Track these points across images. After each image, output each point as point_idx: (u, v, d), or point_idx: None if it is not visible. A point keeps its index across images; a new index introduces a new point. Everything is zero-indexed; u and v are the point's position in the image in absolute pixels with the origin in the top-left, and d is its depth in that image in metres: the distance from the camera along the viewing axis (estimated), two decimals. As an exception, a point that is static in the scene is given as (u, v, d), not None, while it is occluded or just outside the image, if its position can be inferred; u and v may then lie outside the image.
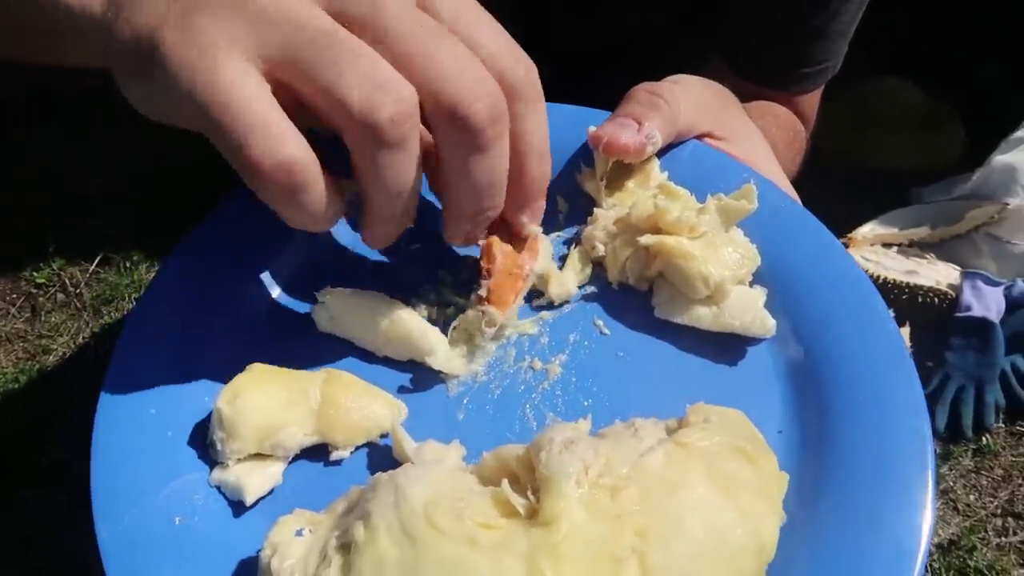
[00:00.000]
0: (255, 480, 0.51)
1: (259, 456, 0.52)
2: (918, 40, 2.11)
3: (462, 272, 0.62)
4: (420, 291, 0.61)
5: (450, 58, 0.45)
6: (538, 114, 0.52)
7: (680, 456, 0.43)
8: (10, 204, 1.88)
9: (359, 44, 0.44)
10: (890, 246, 1.88)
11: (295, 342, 0.58)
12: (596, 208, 0.63)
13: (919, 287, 1.76)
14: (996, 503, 1.64)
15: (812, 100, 1.01)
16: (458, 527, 0.40)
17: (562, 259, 0.63)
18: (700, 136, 0.66)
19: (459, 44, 0.46)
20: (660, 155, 0.65)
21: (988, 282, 1.73)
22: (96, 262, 1.90)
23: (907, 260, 1.84)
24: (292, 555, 0.44)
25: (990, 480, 1.67)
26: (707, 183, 0.62)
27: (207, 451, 0.52)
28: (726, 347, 0.57)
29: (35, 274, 1.89)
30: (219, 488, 0.51)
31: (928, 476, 0.50)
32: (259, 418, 0.51)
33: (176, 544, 0.48)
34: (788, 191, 0.66)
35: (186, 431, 0.53)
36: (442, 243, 0.63)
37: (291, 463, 0.53)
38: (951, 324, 1.72)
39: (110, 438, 0.51)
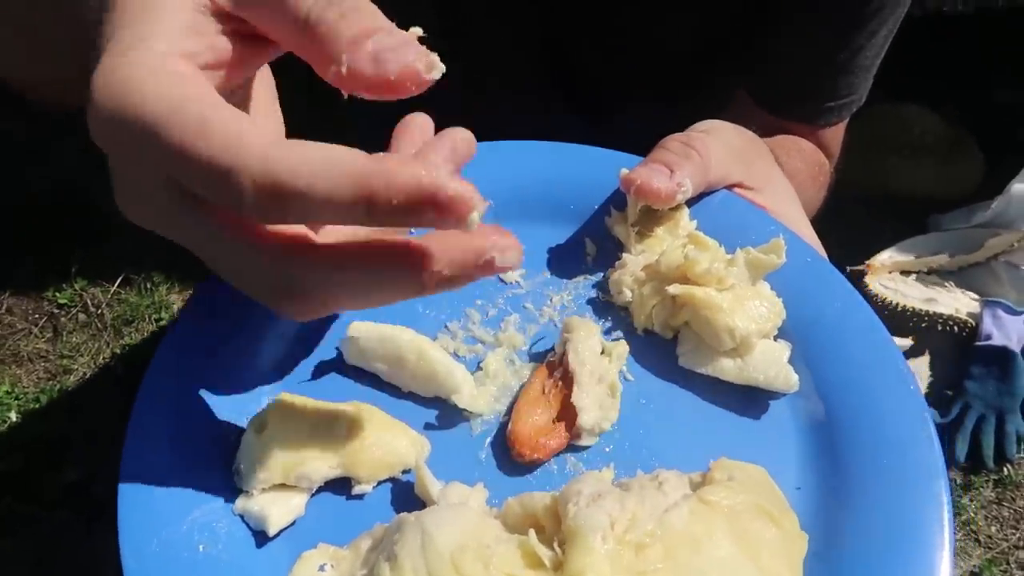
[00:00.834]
0: (278, 511, 0.51)
1: (283, 487, 0.52)
2: (936, 68, 2.13)
3: (490, 310, 0.63)
4: (448, 327, 0.62)
5: None
6: None
7: (704, 513, 0.44)
8: (33, 225, 1.92)
9: None
10: (908, 273, 1.89)
11: (323, 374, 0.59)
12: (624, 253, 0.64)
13: (938, 315, 1.76)
14: (1018, 535, 1.64)
15: (836, 133, 1.02)
16: (484, 575, 0.40)
17: (588, 302, 0.63)
18: (730, 186, 0.67)
19: None
20: (690, 204, 0.65)
21: (1008, 311, 1.74)
22: (118, 283, 1.93)
23: (926, 288, 1.85)
24: (316, 591, 0.44)
25: (1012, 512, 1.68)
26: (736, 234, 0.63)
27: (232, 479, 0.53)
28: (748, 400, 0.58)
29: (57, 295, 1.91)
30: (242, 517, 0.52)
31: (946, 537, 0.50)
32: (285, 449, 0.51)
33: (199, 572, 0.49)
34: (814, 244, 0.66)
35: (213, 459, 0.53)
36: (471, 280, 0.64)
37: (314, 495, 0.53)
38: (971, 353, 1.73)
39: (138, 464, 0.51)
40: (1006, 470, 1.71)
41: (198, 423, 0.54)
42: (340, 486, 0.54)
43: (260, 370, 0.58)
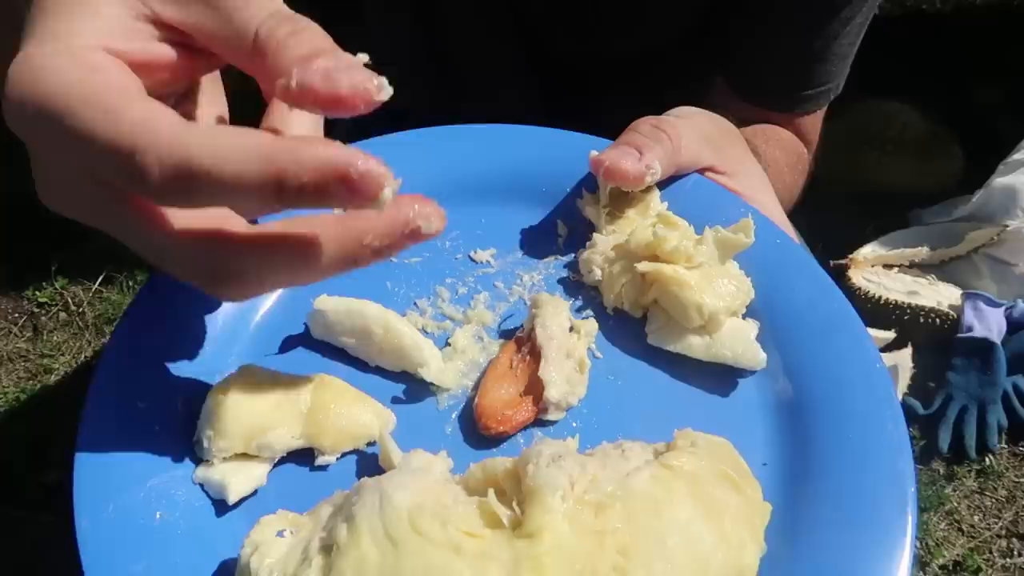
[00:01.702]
0: (239, 480, 0.51)
1: (244, 456, 0.52)
2: (918, 66, 2.15)
3: (460, 288, 0.63)
4: (416, 304, 0.62)
5: None
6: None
7: (666, 478, 0.44)
8: (13, 223, 1.88)
9: None
10: (891, 267, 1.90)
11: (289, 348, 0.58)
12: (595, 234, 0.63)
13: (921, 308, 1.78)
14: (1001, 524, 1.65)
15: (815, 121, 1.02)
16: (442, 534, 0.40)
17: (559, 282, 0.63)
18: (702, 170, 0.67)
19: None
20: (661, 187, 0.65)
21: (989, 303, 1.75)
22: (98, 281, 1.91)
23: (908, 281, 1.87)
24: (272, 554, 0.44)
25: (994, 501, 1.68)
26: (706, 216, 0.63)
27: (193, 449, 0.52)
28: (717, 377, 0.58)
29: (37, 293, 1.89)
30: (202, 486, 0.51)
31: (908, 518, 0.50)
32: (247, 418, 0.51)
33: (155, 539, 0.48)
34: (786, 227, 0.67)
35: (174, 427, 0.53)
36: (441, 259, 0.64)
37: (276, 466, 0.53)
38: (953, 345, 1.74)
39: (96, 429, 0.51)
40: (988, 460, 1.71)
41: (160, 392, 0.53)
42: (303, 457, 0.54)
43: (224, 343, 0.57)
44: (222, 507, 0.51)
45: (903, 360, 1.76)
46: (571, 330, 0.59)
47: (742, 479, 0.46)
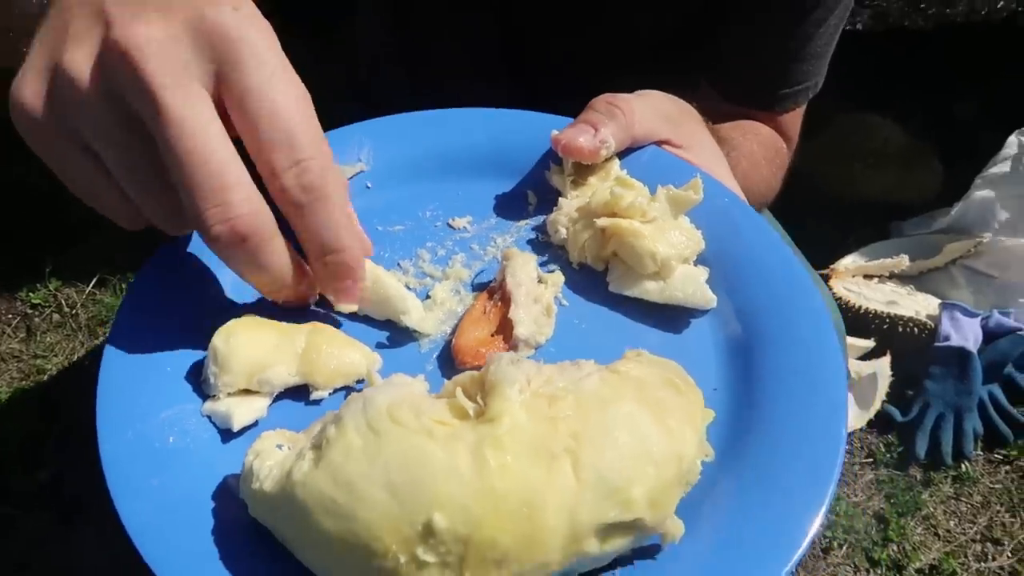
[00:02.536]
0: (242, 411, 0.57)
1: (247, 392, 0.58)
2: (899, 81, 2.22)
3: (439, 251, 0.69)
4: (400, 265, 0.68)
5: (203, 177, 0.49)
6: (315, 213, 0.53)
7: (614, 381, 0.50)
8: (7, 225, 1.93)
9: None
10: (871, 277, 1.96)
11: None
12: (561, 199, 0.70)
13: (899, 317, 1.83)
14: (976, 529, 1.69)
15: (794, 118, 1.09)
16: (417, 422, 0.46)
17: (529, 243, 0.70)
18: (659, 143, 0.74)
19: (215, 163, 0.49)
20: (621, 157, 0.72)
21: (966, 313, 1.80)
22: (92, 283, 1.95)
23: (888, 291, 1.92)
24: (272, 458, 0.50)
25: (969, 507, 1.72)
26: (662, 181, 0.69)
27: (201, 387, 0.58)
28: (672, 318, 0.64)
29: (31, 295, 1.93)
30: (210, 418, 0.57)
31: (841, 435, 0.56)
32: (250, 356, 0.57)
33: (169, 459, 0.54)
34: (735, 190, 0.73)
35: (183, 368, 0.59)
36: (422, 227, 0.70)
37: (275, 400, 0.59)
38: (930, 353, 1.79)
39: (115, 367, 0.57)
40: (964, 466, 1.77)
41: (171, 337, 0.60)
42: (299, 394, 0.60)
43: (229, 294, 0.64)
44: (227, 435, 0.57)
45: (882, 368, 1.82)
46: (540, 282, 0.65)
47: (685, 385, 0.52)
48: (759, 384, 0.60)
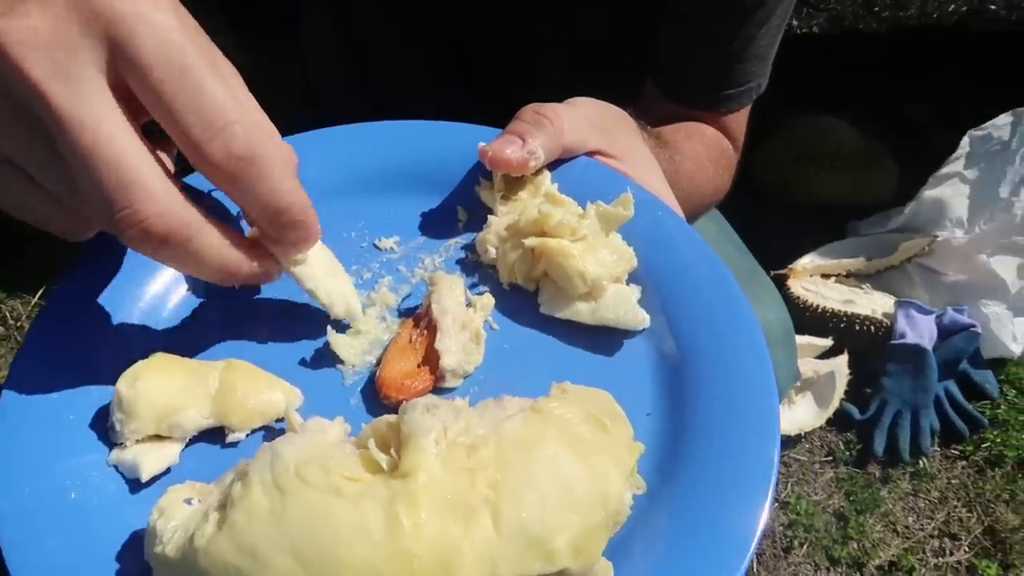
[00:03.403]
0: (151, 459, 0.54)
1: (157, 438, 0.55)
2: (853, 83, 2.22)
3: (364, 274, 0.66)
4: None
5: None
6: (251, 179, 0.48)
7: (536, 421, 0.47)
8: None
9: None
10: (828, 277, 1.98)
11: (199, 334, 0.62)
12: (491, 216, 0.67)
13: (856, 316, 1.84)
14: (933, 524, 1.70)
15: (739, 118, 1.08)
16: (324, 480, 0.43)
17: (458, 263, 0.67)
18: (592, 153, 0.71)
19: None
20: (552, 168, 0.70)
21: (921, 311, 1.82)
22: (38, 295, 1.91)
23: (845, 290, 1.94)
24: (177, 517, 0.47)
25: (927, 503, 1.74)
26: (594, 194, 0.67)
27: (107, 435, 0.55)
28: (605, 340, 0.62)
29: None
30: (117, 468, 0.54)
31: (773, 451, 0.55)
32: (158, 400, 0.53)
33: (71, 516, 0.51)
34: (670, 203, 0.71)
35: (87, 415, 0.56)
36: (347, 248, 0.67)
37: (189, 444, 0.56)
38: (887, 351, 1.81)
39: (13, 417, 0.54)
40: (921, 463, 1.78)
41: (73, 381, 0.56)
42: (215, 436, 0.57)
43: (137, 331, 0.61)
44: (136, 485, 0.54)
45: (840, 367, 1.83)
46: (469, 305, 0.62)
47: (612, 420, 0.50)
48: (691, 407, 0.58)
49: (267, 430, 0.57)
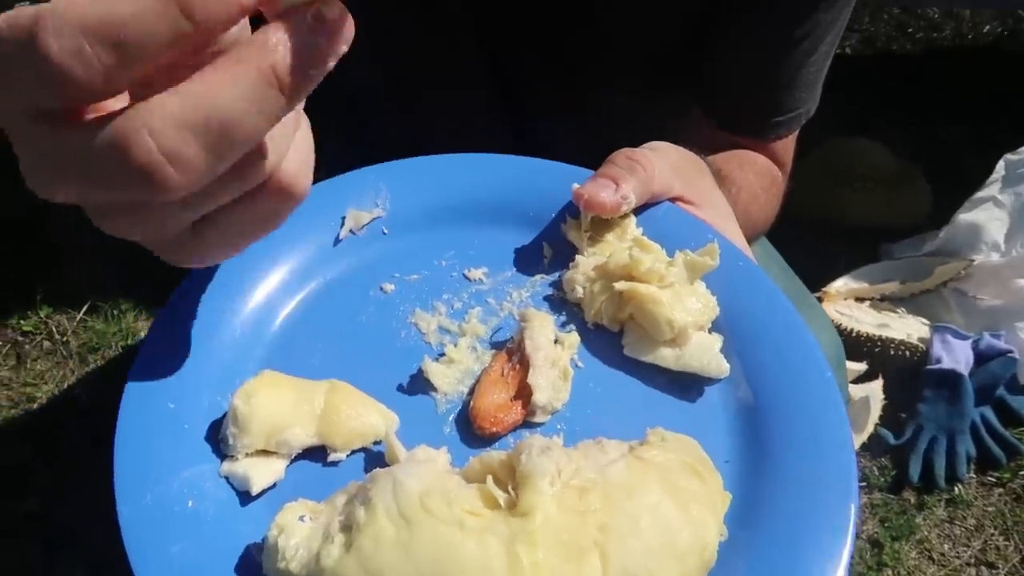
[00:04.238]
0: (260, 473, 0.57)
1: (265, 452, 0.58)
2: (886, 104, 2.24)
3: (455, 304, 0.69)
4: (417, 316, 0.68)
5: None
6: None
7: (639, 468, 0.51)
8: None
9: None
10: (862, 300, 1.97)
11: (304, 354, 0.65)
12: (578, 255, 0.70)
13: (891, 340, 1.84)
14: (970, 552, 1.70)
15: (787, 145, 1.09)
16: (448, 512, 0.46)
17: (545, 299, 0.70)
18: (673, 199, 0.75)
19: None
20: (637, 213, 0.73)
21: (957, 336, 1.82)
22: (84, 310, 1.92)
23: (879, 314, 1.93)
24: (297, 535, 0.50)
25: (963, 530, 1.74)
26: (676, 240, 0.70)
27: (219, 445, 0.58)
28: (685, 385, 0.65)
29: (22, 322, 1.90)
30: (227, 479, 0.57)
31: (851, 502, 0.57)
32: (269, 417, 0.57)
33: (188, 524, 0.54)
34: (745, 251, 0.74)
35: (201, 426, 0.59)
36: (438, 277, 0.71)
37: (293, 461, 0.59)
38: (922, 376, 1.80)
39: (132, 427, 0.57)
40: (957, 489, 1.77)
41: (188, 393, 0.60)
42: (317, 454, 0.60)
43: (247, 349, 0.64)
44: (246, 497, 0.57)
45: (875, 391, 1.82)
46: (556, 342, 0.66)
47: (705, 471, 0.53)
48: (768, 455, 0.61)
49: (365, 451, 0.60)
